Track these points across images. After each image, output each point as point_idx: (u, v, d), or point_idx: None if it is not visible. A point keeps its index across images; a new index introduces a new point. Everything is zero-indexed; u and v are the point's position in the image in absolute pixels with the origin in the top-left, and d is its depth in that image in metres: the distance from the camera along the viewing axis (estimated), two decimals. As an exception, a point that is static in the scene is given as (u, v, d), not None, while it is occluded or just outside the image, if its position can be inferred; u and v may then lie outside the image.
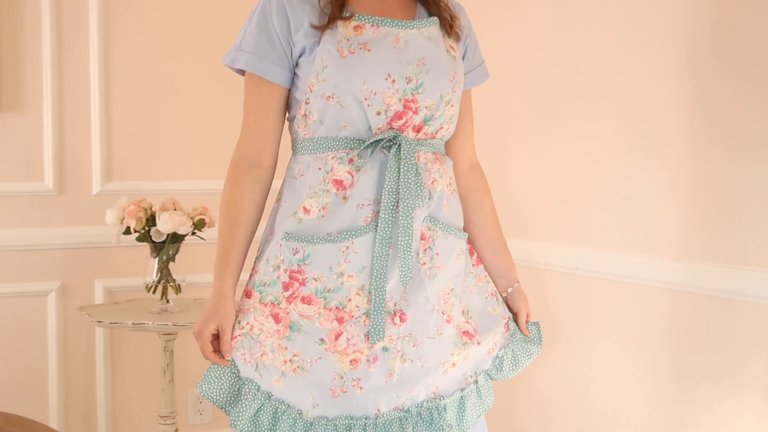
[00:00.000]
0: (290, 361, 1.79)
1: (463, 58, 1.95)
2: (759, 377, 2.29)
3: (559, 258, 2.85)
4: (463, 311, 1.91)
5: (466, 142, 2.00)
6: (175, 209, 2.99)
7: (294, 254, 1.79)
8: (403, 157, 1.77)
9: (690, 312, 2.46)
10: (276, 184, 1.93)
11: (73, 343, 3.29)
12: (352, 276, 1.78)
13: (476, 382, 1.94)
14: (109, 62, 3.30)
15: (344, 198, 1.78)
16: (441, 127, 1.87)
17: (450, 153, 1.97)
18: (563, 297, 2.87)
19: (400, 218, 1.76)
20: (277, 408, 1.80)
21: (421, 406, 1.86)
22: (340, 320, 1.78)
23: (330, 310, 1.78)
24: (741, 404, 2.33)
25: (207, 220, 3.02)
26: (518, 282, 2.02)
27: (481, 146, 2.18)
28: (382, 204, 1.76)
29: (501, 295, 2.01)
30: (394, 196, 1.77)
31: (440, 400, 1.88)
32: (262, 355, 1.80)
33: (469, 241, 1.98)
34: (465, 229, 1.98)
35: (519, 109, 2.99)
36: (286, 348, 1.79)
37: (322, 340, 1.78)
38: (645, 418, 2.59)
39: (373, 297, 1.77)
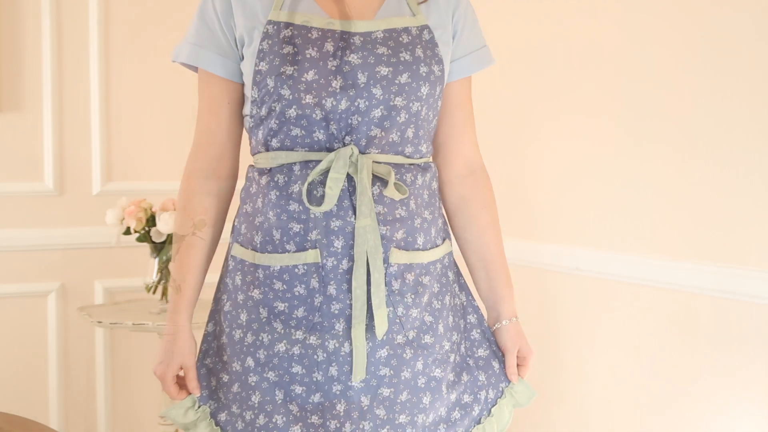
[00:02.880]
0: None
1: None
2: (759, 377, 2.28)
3: (559, 258, 2.85)
4: None
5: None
6: (175, 209, 2.98)
7: None
8: None
9: (690, 312, 2.46)
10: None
11: (73, 344, 3.29)
12: None
13: None
14: (109, 62, 3.30)
15: None
16: None
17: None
18: (563, 297, 2.86)
19: None
20: None
21: None
22: None
23: None
24: (741, 404, 2.33)
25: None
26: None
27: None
28: None
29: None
30: None
31: None
32: None
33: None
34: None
35: (515, 109, 2.99)
36: None
37: None
38: (645, 418, 2.59)
39: None
